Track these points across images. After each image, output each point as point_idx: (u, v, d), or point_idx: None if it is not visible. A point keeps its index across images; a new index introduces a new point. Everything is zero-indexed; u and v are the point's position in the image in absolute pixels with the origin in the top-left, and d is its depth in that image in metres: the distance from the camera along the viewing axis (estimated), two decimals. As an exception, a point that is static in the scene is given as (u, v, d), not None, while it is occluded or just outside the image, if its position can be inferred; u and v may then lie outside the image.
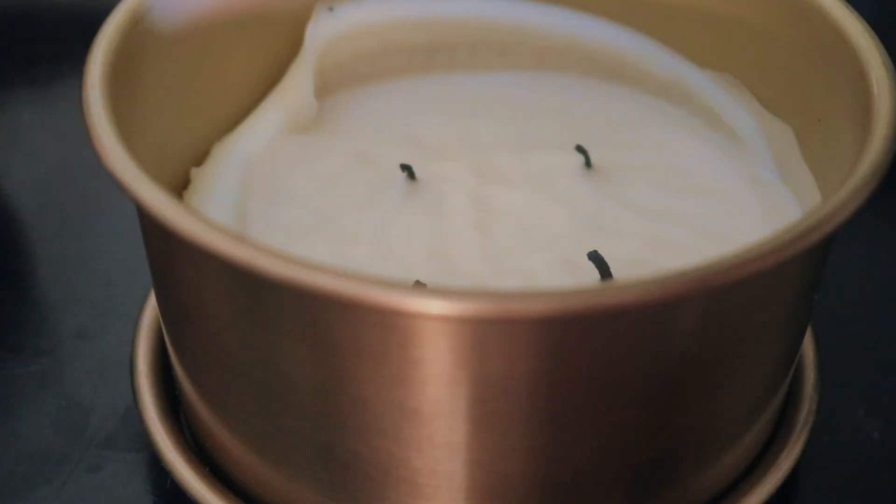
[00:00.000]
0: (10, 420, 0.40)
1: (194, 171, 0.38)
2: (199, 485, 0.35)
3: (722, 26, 0.40)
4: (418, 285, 0.27)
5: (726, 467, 0.35)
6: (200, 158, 0.39)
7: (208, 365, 0.33)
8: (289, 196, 0.38)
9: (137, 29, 0.35)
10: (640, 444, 0.32)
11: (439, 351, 0.28)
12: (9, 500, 0.37)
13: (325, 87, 0.41)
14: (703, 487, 0.35)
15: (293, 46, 0.41)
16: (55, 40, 0.55)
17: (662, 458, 0.33)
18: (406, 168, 0.38)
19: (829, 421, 0.39)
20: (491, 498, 0.32)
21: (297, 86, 0.40)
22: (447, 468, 0.31)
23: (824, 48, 0.36)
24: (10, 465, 0.38)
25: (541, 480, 0.31)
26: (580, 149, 0.39)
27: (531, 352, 0.28)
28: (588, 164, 0.39)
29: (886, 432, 0.40)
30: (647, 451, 0.32)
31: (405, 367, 0.29)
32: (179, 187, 0.38)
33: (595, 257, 0.35)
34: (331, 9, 0.41)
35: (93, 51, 0.34)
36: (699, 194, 0.38)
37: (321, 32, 0.41)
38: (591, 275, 0.35)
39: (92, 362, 0.41)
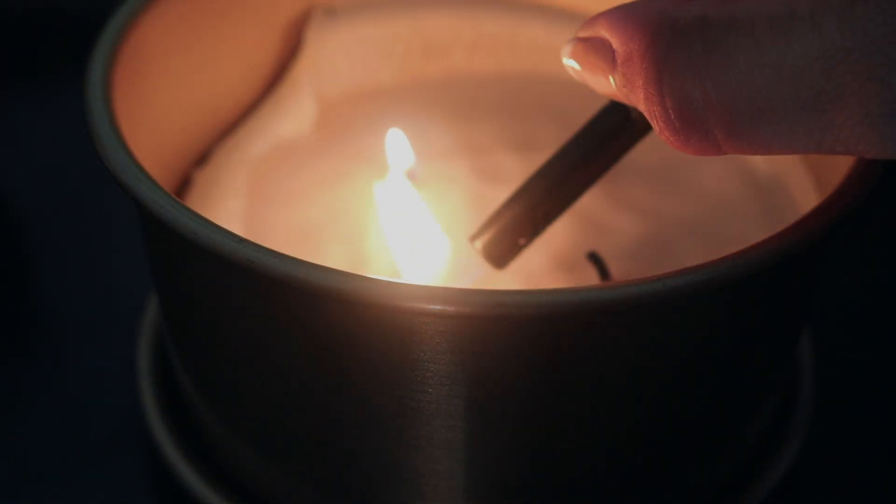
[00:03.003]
0: (10, 420, 0.40)
1: (197, 173, 0.38)
2: (200, 484, 0.36)
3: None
4: (418, 285, 0.27)
5: (725, 467, 0.35)
6: (200, 159, 0.39)
7: (209, 364, 0.33)
8: (291, 197, 0.38)
9: (139, 30, 0.35)
10: (638, 443, 0.32)
11: (439, 351, 0.28)
12: (9, 500, 0.37)
13: (325, 91, 0.41)
14: (702, 486, 0.35)
15: (292, 47, 0.41)
16: (56, 41, 0.55)
17: (661, 457, 0.33)
18: (406, 169, 0.38)
19: (828, 420, 0.39)
20: (490, 497, 0.32)
21: (297, 90, 0.40)
22: (446, 467, 0.31)
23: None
24: (11, 465, 0.38)
25: (539, 480, 0.32)
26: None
27: (530, 351, 0.28)
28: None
29: (885, 432, 0.40)
30: (645, 450, 0.32)
31: (405, 367, 0.29)
32: (179, 187, 0.38)
33: (594, 257, 0.35)
34: (329, 11, 0.41)
35: (94, 52, 0.34)
36: (698, 195, 0.38)
37: (320, 37, 0.41)
38: (591, 275, 0.35)
39: (92, 362, 0.41)
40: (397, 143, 0.37)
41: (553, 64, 0.42)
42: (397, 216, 0.35)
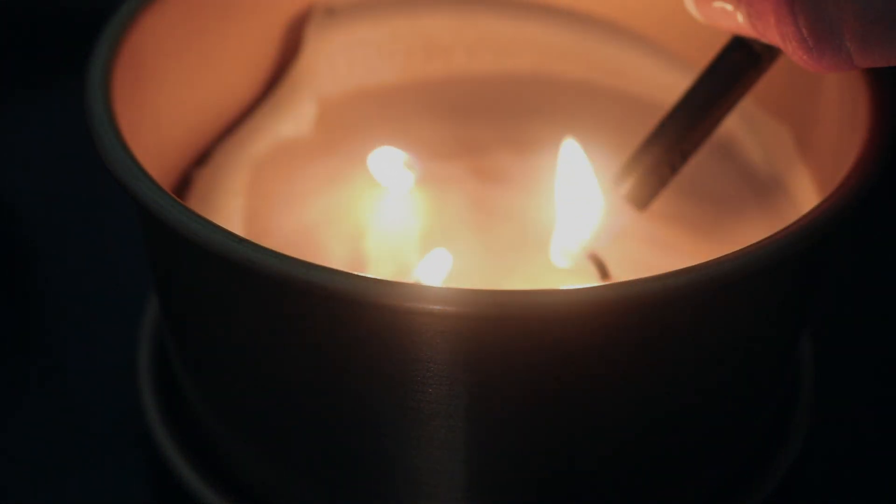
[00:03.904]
0: (10, 420, 0.40)
1: (197, 172, 0.38)
2: (200, 484, 0.36)
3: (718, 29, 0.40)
4: (418, 285, 0.27)
5: (725, 466, 0.35)
6: (201, 158, 0.39)
7: (209, 365, 0.33)
8: (291, 197, 0.38)
9: (139, 30, 0.35)
10: (638, 443, 0.32)
11: (439, 351, 0.28)
12: (9, 500, 0.37)
13: (325, 91, 0.41)
14: (702, 486, 0.35)
15: (292, 47, 0.41)
16: (56, 40, 0.55)
17: (661, 458, 0.33)
18: (406, 169, 0.38)
19: (828, 420, 0.39)
20: (490, 498, 0.32)
21: (297, 90, 0.40)
22: (446, 467, 0.31)
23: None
24: (11, 465, 0.38)
25: (539, 480, 0.32)
26: (579, 150, 0.39)
27: (530, 351, 0.28)
28: (587, 164, 0.39)
29: (885, 432, 0.40)
30: (645, 450, 0.32)
31: (405, 367, 0.29)
32: (180, 187, 0.38)
33: (594, 257, 0.35)
34: (329, 11, 0.41)
35: (94, 52, 0.34)
36: (697, 195, 0.38)
37: (320, 37, 0.41)
38: (591, 275, 0.35)
39: (93, 362, 0.41)
40: (390, 159, 0.37)
41: (553, 64, 0.42)
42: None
